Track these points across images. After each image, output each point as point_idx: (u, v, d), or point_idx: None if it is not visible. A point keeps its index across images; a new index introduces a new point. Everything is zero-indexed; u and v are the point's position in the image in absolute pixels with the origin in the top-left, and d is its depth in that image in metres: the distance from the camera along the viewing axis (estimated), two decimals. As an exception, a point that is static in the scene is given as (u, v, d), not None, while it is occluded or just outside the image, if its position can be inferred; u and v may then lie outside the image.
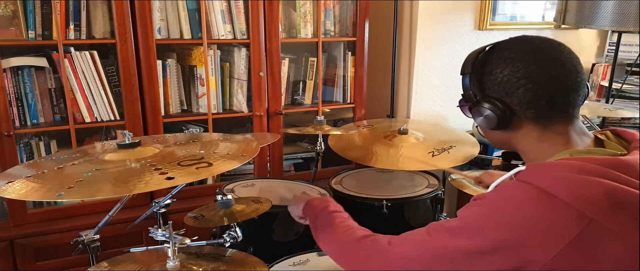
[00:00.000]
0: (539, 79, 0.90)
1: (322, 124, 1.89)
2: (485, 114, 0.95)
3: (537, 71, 0.90)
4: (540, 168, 0.86)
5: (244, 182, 1.97)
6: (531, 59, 0.91)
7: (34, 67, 1.90)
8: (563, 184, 0.81)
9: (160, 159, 1.15)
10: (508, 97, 0.93)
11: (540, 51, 0.92)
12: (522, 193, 0.84)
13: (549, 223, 0.80)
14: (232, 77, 2.22)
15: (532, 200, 0.82)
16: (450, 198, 2.66)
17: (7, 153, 1.85)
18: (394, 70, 2.54)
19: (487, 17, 2.58)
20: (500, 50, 0.95)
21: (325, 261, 1.50)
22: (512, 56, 0.92)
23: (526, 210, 0.82)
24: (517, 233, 0.81)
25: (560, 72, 0.90)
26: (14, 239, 1.89)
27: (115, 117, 2.01)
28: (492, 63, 0.95)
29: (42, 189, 1.02)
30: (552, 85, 0.90)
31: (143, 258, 1.35)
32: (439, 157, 1.82)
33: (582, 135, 0.94)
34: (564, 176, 0.82)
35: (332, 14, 2.36)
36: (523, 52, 0.92)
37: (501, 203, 0.86)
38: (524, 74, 0.91)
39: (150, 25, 1.94)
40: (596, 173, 0.80)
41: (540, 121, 0.93)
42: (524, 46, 0.94)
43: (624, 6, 2.07)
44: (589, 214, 0.78)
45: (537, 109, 0.92)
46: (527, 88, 0.91)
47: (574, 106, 0.93)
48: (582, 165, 0.82)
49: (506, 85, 0.92)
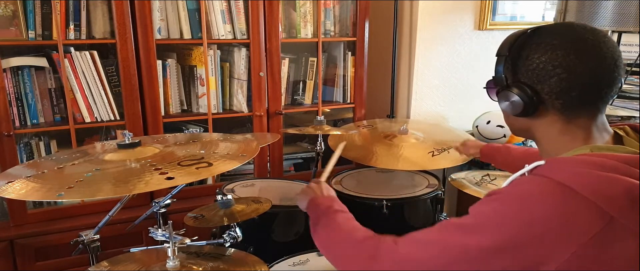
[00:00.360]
0: (575, 70, 0.86)
1: (322, 124, 1.89)
2: (513, 99, 0.92)
3: (576, 61, 0.86)
4: (561, 162, 0.84)
5: (244, 182, 1.97)
6: (572, 48, 0.87)
7: (34, 67, 1.90)
8: (585, 179, 0.79)
9: (160, 159, 1.15)
10: (539, 85, 0.90)
11: (582, 40, 0.88)
12: (543, 188, 0.82)
13: (571, 218, 0.78)
14: (232, 77, 2.22)
15: (553, 195, 0.80)
16: (450, 198, 2.66)
17: (7, 153, 1.85)
18: (394, 70, 2.54)
19: (487, 17, 2.58)
20: (542, 35, 0.91)
21: (325, 261, 1.50)
22: (554, 42, 0.89)
23: (548, 205, 0.79)
24: (538, 228, 0.78)
25: (599, 65, 0.87)
26: (14, 239, 1.89)
27: (115, 117, 2.01)
28: (531, 47, 0.91)
29: (42, 189, 1.02)
30: (587, 78, 0.87)
31: (143, 258, 1.35)
32: (439, 157, 1.82)
33: (603, 131, 0.92)
34: (585, 171, 0.80)
35: (332, 14, 2.36)
36: (565, 39, 0.88)
37: (520, 198, 0.83)
38: (562, 62, 0.87)
39: (150, 25, 1.94)
40: (617, 170, 0.79)
41: (566, 113, 0.90)
42: (568, 33, 0.89)
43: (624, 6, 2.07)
44: (610, 211, 0.77)
45: (567, 100, 0.89)
46: (562, 78, 0.87)
47: (604, 101, 0.90)
48: (603, 161, 0.81)
49: (541, 72, 0.89)
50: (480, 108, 2.56)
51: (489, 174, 2.02)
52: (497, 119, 2.39)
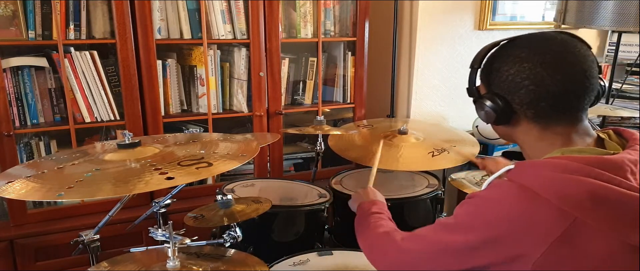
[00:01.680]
0: (542, 82, 0.90)
1: (322, 124, 1.89)
2: (485, 109, 0.97)
3: (543, 73, 0.89)
4: (527, 166, 0.89)
5: (244, 182, 1.97)
6: (539, 60, 0.90)
7: (34, 67, 1.90)
8: (546, 182, 0.83)
9: (160, 159, 1.15)
10: (510, 96, 0.94)
11: (551, 52, 0.90)
12: (506, 191, 0.87)
13: (532, 219, 0.82)
14: (232, 77, 2.22)
15: (514, 197, 0.85)
16: (450, 198, 2.66)
17: (7, 153, 1.85)
18: (394, 70, 2.54)
19: (487, 17, 2.58)
20: (512, 47, 0.95)
21: (325, 261, 1.50)
22: (521, 55, 0.92)
23: (508, 207, 0.85)
24: (501, 229, 0.85)
25: (568, 76, 0.89)
26: (14, 239, 1.89)
27: (115, 117, 2.01)
28: (501, 60, 0.96)
29: (42, 189, 1.02)
30: (556, 88, 0.89)
31: (143, 258, 1.35)
32: (439, 157, 1.82)
33: (584, 136, 0.94)
34: (548, 174, 0.84)
35: (332, 14, 2.36)
36: (533, 52, 0.91)
37: (487, 200, 0.90)
38: (529, 75, 0.90)
39: (150, 25, 1.94)
40: (580, 172, 0.82)
41: (540, 121, 0.94)
42: (537, 45, 0.93)
43: (624, 6, 2.07)
44: (572, 212, 0.80)
45: (537, 110, 0.92)
46: (530, 89, 0.91)
47: (579, 109, 0.92)
48: (566, 164, 0.83)
49: (511, 83, 0.93)
50: (480, 108, 2.55)
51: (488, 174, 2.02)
52: (497, 119, 2.38)
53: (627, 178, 0.82)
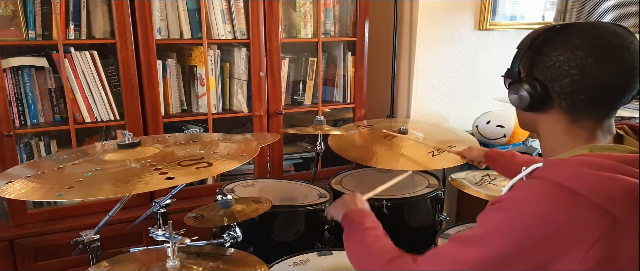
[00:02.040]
0: (590, 74, 0.85)
1: (322, 124, 1.89)
2: (521, 93, 0.92)
3: (594, 65, 0.85)
4: (560, 164, 0.84)
5: (244, 182, 1.97)
6: (593, 51, 0.85)
7: (34, 67, 1.90)
8: (585, 180, 0.79)
9: (160, 159, 1.15)
10: (551, 83, 0.89)
11: (606, 44, 0.86)
12: (544, 190, 0.82)
13: (575, 219, 0.78)
14: (232, 77, 2.22)
15: (554, 196, 0.80)
16: (450, 198, 2.66)
17: (7, 153, 1.85)
18: (394, 70, 2.54)
19: (487, 17, 2.58)
20: (567, 33, 0.90)
21: (325, 261, 1.50)
22: (576, 42, 0.87)
23: (550, 207, 0.80)
24: (543, 231, 0.79)
25: (617, 72, 0.85)
26: (14, 239, 1.89)
27: (115, 117, 2.01)
28: (552, 44, 0.90)
29: (42, 189, 1.02)
30: (601, 83, 0.85)
31: (143, 258, 1.35)
32: (439, 157, 1.82)
33: (607, 133, 0.91)
34: (585, 172, 0.80)
35: (332, 14, 2.36)
36: (588, 41, 0.86)
37: (522, 202, 0.83)
38: (578, 64, 0.86)
39: (150, 25, 1.94)
40: (616, 170, 0.79)
41: (571, 114, 0.90)
42: (594, 34, 0.87)
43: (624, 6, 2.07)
44: (612, 211, 0.77)
45: (574, 101, 0.88)
46: (575, 79, 0.86)
47: (614, 106, 0.89)
48: (602, 162, 0.80)
49: (556, 70, 0.88)
50: (480, 108, 2.56)
51: (489, 174, 2.02)
52: (497, 119, 2.39)
53: None
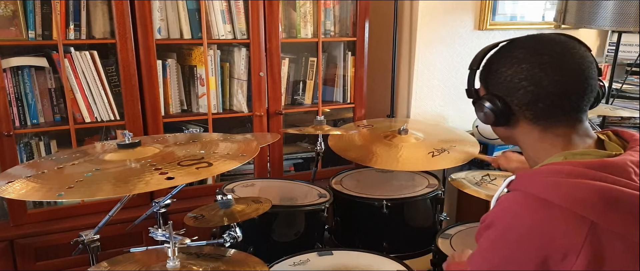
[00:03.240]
0: (540, 82, 0.89)
1: (322, 124, 1.89)
2: (485, 111, 0.96)
3: (541, 74, 0.89)
4: (532, 175, 0.87)
5: (244, 182, 1.97)
6: (537, 61, 0.90)
7: (34, 67, 1.90)
8: (556, 189, 0.81)
9: (160, 159, 1.15)
10: (509, 97, 0.93)
11: (549, 53, 0.90)
12: (519, 203, 0.84)
13: (556, 229, 0.79)
14: (232, 77, 2.22)
15: (530, 208, 0.82)
16: (450, 198, 2.66)
17: (7, 153, 1.85)
18: (394, 70, 2.54)
19: (487, 17, 2.58)
20: (510, 48, 0.95)
21: (325, 261, 1.50)
22: (519, 56, 0.92)
23: (528, 219, 0.81)
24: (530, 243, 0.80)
25: (566, 76, 0.89)
26: (14, 239, 1.89)
27: (115, 117, 2.01)
28: (500, 61, 0.95)
29: (42, 189, 1.03)
30: (554, 89, 0.89)
31: (143, 258, 1.35)
32: (439, 157, 1.82)
33: (585, 137, 0.93)
34: (555, 180, 0.82)
35: (332, 14, 2.36)
36: (531, 52, 0.91)
37: (502, 218, 0.86)
38: (527, 76, 0.90)
39: (150, 25, 1.94)
40: (585, 176, 0.81)
41: (539, 122, 0.93)
42: (535, 46, 0.92)
43: (624, 6, 2.07)
44: (589, 216, 0.78)
45: (536, 111, 0.92)
46: (528, 90, 0.90)
47: (578, 110, 0.91)
48: (570, 169, 0.82)
49: (509, 84, 0.93)
50: (480, 108, 2.55)
51: (489, 174, 2.02)
52: (497, 119, 2.38)
53: (632, 179, 0.81)
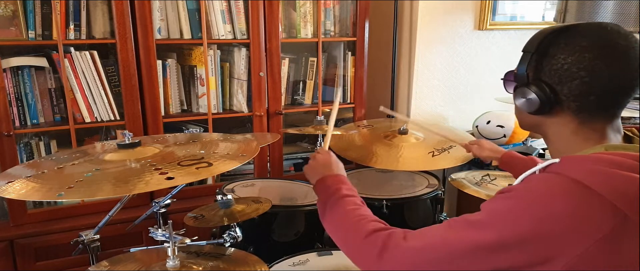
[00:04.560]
0: (599, 75, 0.85)
1: (322, 124, 1.89)
2: (529, 97, 0.92)
3: (602, 66, 0.85)
4: (577, 160, 0.84)
5: (244, 182, 1.97)
6: (600, 53, 0.86)
7: (34, 67, 1.90)
8: (601, 177, 0.79)
9: (160, 159, 1.15)
10: (559, 86, 0.89)
11: (612, 45, 0.86)
12: (556, 185, 0.82)
13: (585, 216, 0.78)
14: (232, 77, 2.22)
15: (566, 191, 0.80)
16: (450, 198, 2.66)
17: (7, 153, 1.85)
18: (394, 70, 2.54)
19: (487, 17, 2.58)
20: (573, 34, 0.89)
21: (325, 261, 1.50)
22: (583, 44, 0.87)
23: (563, 202, 0.79)
24: (551, 225, 0.78)
25: (625, 72, 0.86)
26: (14, 239, 1.89)
27: (115, 117, 2.01)
28: (559, 46, 0.89)
29: (42, 189, 1.02)
30: (610, 83, 0.86)
31: (143, 258, 1.35)
32: (439, 157, 1.82)
33: (617, 133, 0.92)
34: (602, 169, 0.80)
35: (332, 14, 2.36)
36: (595, 42, 0.87)
37: (534, 194, 0.83)
38: (587, 66, 0.86)
39: (150, 25, 1.94)
40: (634, 169, 0.79)
41: (581, 115, 0.90)
42: (600, 35, 0.88)
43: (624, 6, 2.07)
44: (624, 209, 0.77)
45: (583, 103, 0.88)
46: (584, 81, 0.86)
47: (621, 106, 0.90)
48: (621, 160, 0.81)
49: (564, 73, 0.88)
50: (480, 108, 2.56)
51: (489, 174, 2.02)
52: (497, 119, 2.39)
53: None
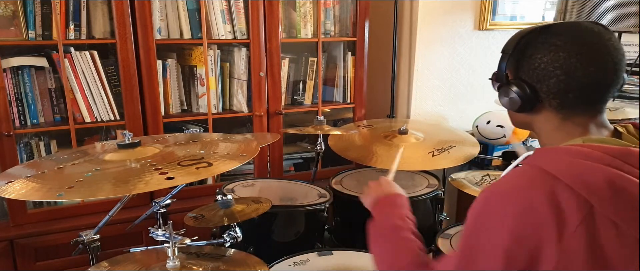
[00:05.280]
0: (575, 73, 0.88)
1: (322, 124, 1.89)
2: (511, 96, 0.95)
3: (577, 64, 0.88)
4: (548, 152, 0.87)
5: (244, 182, 1.97)
6: (575, 51, 0.88)
7: (34, 67, 1.90)
8: (566, 167, 0.82)
9: (160, 159, 1.15)
10: (539, 84, 0.92)
11: (587, 43, 0.89)
12: (529, 175, 0.85)
13: (557, 203, 0.79)
14: (232, 77, 2.22)
15: (532, 180, 0.83)
16: (450, 198, 2.66)
17: (7, 153, 1.85)
18: (394, 70, 2.54)
19: (487, 17, 2.58)
20: (548, 34, 0.93)
21: (325, 261, 1.50)
22: (558, 43, 0.90)
23: (536, 191, 0.82)
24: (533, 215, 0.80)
25: (600, 68, 0.88)
26: (14, 239, 1.89)
27: (115, 117, 2.01)
28: (535, 46, 0.92)
29: (42, 189, 1.03)
30: (586, 80, 0.88)
31: (143, 258, 1.36)
32: (439, 157, 1.82)
33: (601, 127, 0.93)
34: (568, 159, 0.83)
35: (332, 14, 2.36)
36: (569, 41, 0.89)
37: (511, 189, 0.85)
38: (562, 64, 0.89)
39: (150, 25, 1.94)
40: (601, 161, 0.81)
41: (562, 111, 0.92)
42: (574, 34, 0.90)
43: (624, 6, 2.07)
44: (590, 199, 0.79)
45: (563, 100, 0.91)
46: (560, 79, 0.89)
47: (603, 101, 0.92)
48: (589, 152, 0.83)
49: (542, 72, 0.91)
50: (480, 108, 2.56)
51: (488, 174, 2.02)
52: (497, 119, 2.39)
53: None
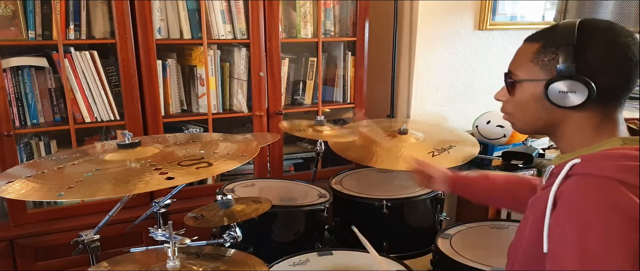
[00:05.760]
0: (629, 70, 0.89)
1: (322, 124, 1.89)
2: (572, 90, 0.89)
3: (631, 62, 0.89)
4: (599, 159, 0.87)
5: (244, 182, 1.97)
6: (628, 48, 0.89)
7: (34, 67, 1.90)
8: (628, 170, 0.82)
9: (160, 159, 1.15)
10: (595, 79, 0.88)
11: (636, 43, 0.90)
12: (602, 186, 0.82)
13: (630, 205, 0.79)
14: (232, 77, 2.22)
15: (615, 190, 0.81)
16: (450, 198, 2.66)
17: (7, 153, 1.85)
18: (394, 70, 2.54)
19: (487, 17, 2.58)
20: (605, 29, 0.90)
21: (325, 261, 1.50)
22: (617, 39, 0.89)
23: (621, 198, 0.80)
24: (631, 227, 0.78)
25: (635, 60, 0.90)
26: (14, 239, 1.89)
27: (115, 117, 2.01)
28: (595, 39, 0.89)
29: (42, 189, 1.02)
30: (633, 78, 0.90)
31: (143, 258, 1.35)
32: (439, 157, 1.82)
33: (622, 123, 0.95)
34: (626, 164, 0.83)
35: (332, 14, 2.36)
36: (621, 38, 0.89)
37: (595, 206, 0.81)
38: (621, 60, 0.89)
39: (150, 25, 1.94)
40: None
41: (607, 108, 0.92)
42: (622, 32, 0.90)
43: (624, 6, 2.07)
44: None
45: (612, 96, 0.91)
46: (617, 75, 0.90)
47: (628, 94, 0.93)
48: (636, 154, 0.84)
49: (600, 67, 0.89)
50: (480, 108, 2.56)
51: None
52: (497, 119, 2.39)
53: None
